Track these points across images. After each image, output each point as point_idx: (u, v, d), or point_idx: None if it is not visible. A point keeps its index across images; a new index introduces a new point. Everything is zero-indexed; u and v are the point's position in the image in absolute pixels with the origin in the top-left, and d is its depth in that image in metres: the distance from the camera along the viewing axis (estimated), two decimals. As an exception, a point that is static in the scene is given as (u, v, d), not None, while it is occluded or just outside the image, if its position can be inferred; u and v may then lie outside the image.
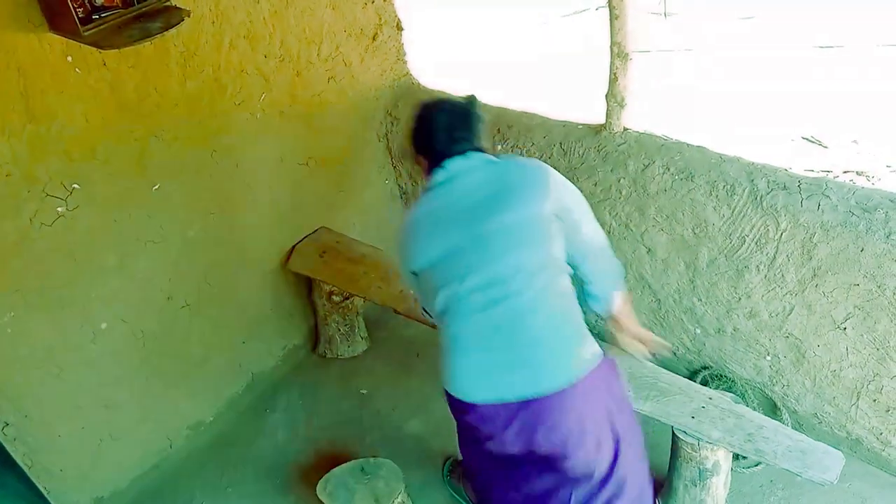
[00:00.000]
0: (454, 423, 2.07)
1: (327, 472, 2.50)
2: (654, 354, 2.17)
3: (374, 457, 2.49)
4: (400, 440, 2.86)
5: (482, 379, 1.84)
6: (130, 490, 2.77)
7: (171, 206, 2.60)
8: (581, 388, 1.79)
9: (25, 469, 2.45)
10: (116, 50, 2.17)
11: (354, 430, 2.96)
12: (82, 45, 2.10)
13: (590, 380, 1.80)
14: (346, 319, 3.19)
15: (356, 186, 3.33)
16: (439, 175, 1.97)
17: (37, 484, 2.50)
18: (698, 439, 2.20)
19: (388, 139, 3.35)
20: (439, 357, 1.96)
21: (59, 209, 2.29)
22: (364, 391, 3.12)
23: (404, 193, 3.49)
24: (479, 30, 7.55)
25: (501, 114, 3.00)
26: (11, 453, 2.41)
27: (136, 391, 2.70)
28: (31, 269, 2.28)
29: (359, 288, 2.89)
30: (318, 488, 2.39)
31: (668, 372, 2.38)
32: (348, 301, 3.12)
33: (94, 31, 2.04)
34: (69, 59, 2.21)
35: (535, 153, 2.84)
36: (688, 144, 2.61)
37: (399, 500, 2.34)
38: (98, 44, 2.05)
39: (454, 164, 1.95)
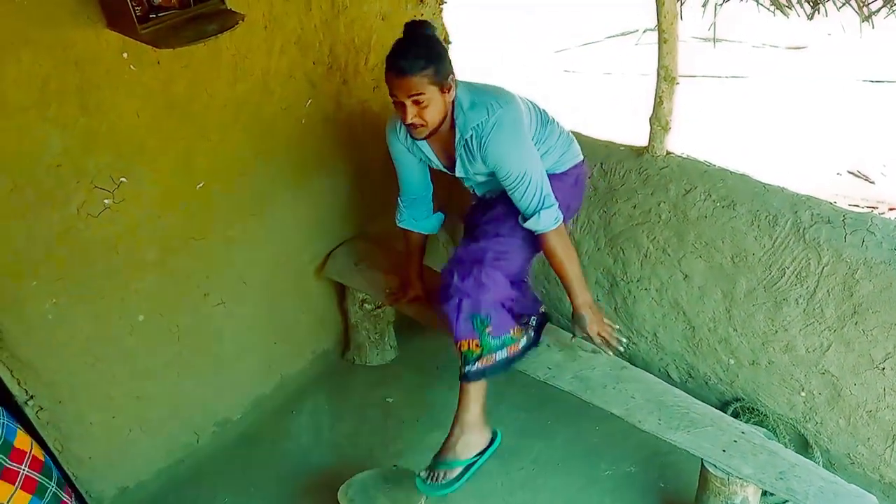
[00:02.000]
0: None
1: (349, 477, 2.51)
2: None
3: (395, 466, 2.49)
4: (422, 451, 2.83)
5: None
6: (155, 482, 2.80)
7: (214, 205, 2.65)
8: None
9: (56, 454, 2.50)
10: (171, 49, 2.22)
11: (378, 437, 2.96)
12: (138, 42, 2.15)
13: None
14: (376, 328, 3.20)
15: (394, 196, 3.34)
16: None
17: (66, 469, 2.55)
18: (728, 474, 2.15)
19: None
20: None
21: (105, 201, 2.34)
22: (390, 399, 3.13)
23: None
24: (525, 40, 7.57)
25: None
26: (44, 437, 2.46)
27: (168, 385, 2.74)
28: (75, 258, 2.33)
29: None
30: (339, 493, 2.40)
31: (700, 402, 2.34)
32: (380, 309, 3.14)
33: (150, 29, 2.09)
34: (125, 55, 2.26)
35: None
36: (731, 172, 2.58)
37: (420, 511, 2.34)
38: (154, 42, 2.10)
39: None
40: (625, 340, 2.41)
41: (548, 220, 2.27)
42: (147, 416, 2.69)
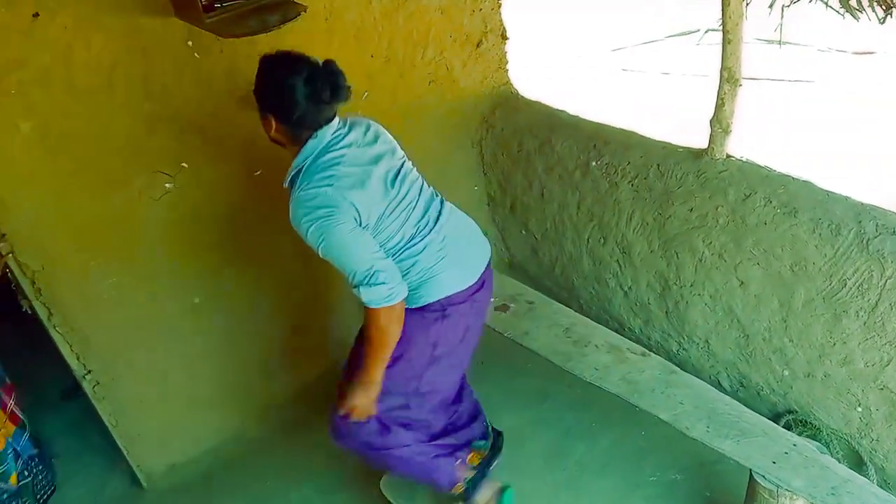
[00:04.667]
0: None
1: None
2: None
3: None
4: (464, 446, 2.86)
5: (460, 268, 2.12)
6: (204, 460, 2.87)
7: (269, 193, 2.68)
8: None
9: (110, 428, 2.59)
10: (234, 39, 2.27)
11: (420, 430, 2.97)
12: (203, 31, 2.20)
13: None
14: (422, 320, 3.21)
15: (445, 190, 3.32)
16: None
17: (119, 444, 2.63)
18: (778, 486, 2.09)
19: (481, 146, 3.36)
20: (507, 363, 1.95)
21: (167, 185, 2.41)
22: (433, 393, 3.14)
23: (492, 200, 3.49)
24: (583, 38, 7.48)
25: (599, 129, 2.97)
26: (99, 411, 2.55)
27: (220, 366, 2.80)
28: (135, 239, 2.41)
29: (439, 291, 2.90)
30: (381, 483, 2.43)
31: (752, 412, 2.29)
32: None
33: (216, 19, 2.13)
34: (189, 44, 2.32)
35: (630, 172, 2.79)
36: (793, 178, 2.50)
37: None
38: (219, 32, 2.15)
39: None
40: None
41: (371, 297, 1.91)
42: (199, 396, 2.76)
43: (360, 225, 1.92)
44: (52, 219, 2.25)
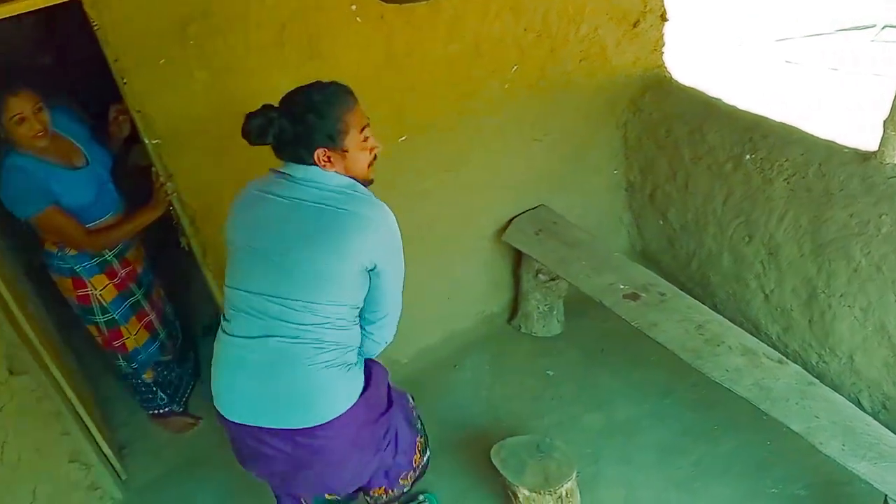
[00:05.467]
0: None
1: (500, 439, 2.56)
2: None
3: (549, 439, 2.50)
4: (576, 430, 2.84)
5: None
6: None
7: (413, 158, 2.76)
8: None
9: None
10: (396, 5, 2.33)
11: (534, 408, 2.98)
12: (368, -4, 2.27)
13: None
14: (547, 299, 3.21)
15: (584, 171, 3.31)
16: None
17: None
18: (915, 517, 1.95)
19: (626, 129, 3.28)
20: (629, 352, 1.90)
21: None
22: (551, 373, 3.13)
23: (630, 186, 3.40)
24: (746, 24, 7.06)
25: (757, 121, 2.81)
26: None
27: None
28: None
29: (568, 272, 2.88)
30: (492, 452, 2.45)
31: (894, 435, 2.13)
32: (554, 282, 3.13)
33: (381, -15, 2.20)
34: (353, 7, 2.40)
35: (787, 169, 2.63)
36: (975, 191, 2.27)
37: (569, 486, 2.34)
38: (383, -3, 2.22)
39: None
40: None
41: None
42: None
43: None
44: (213, 164, 2.42)
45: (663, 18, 3.13)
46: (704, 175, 2.95)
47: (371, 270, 1.83)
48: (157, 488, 2.89)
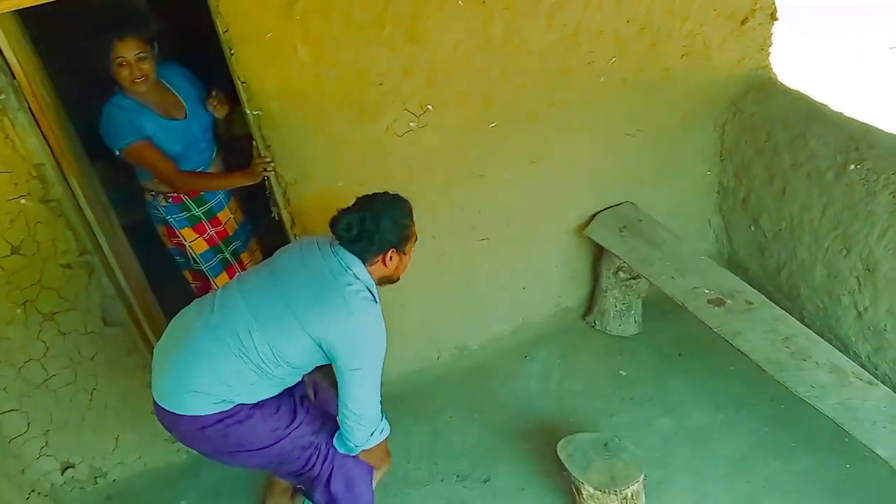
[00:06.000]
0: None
1: (566, 433, 2.54)
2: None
3: (619, 438, 2.47)
4: (647, 432, 2.79)
5: None
6: (394, 384, 3.04)
7: (500, 146, 2.76)
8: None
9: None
10: (499, -10, 2.32)
11: (603, 406, 2.95)
12: (470, -20, 2.27)
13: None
14: (625, 298, 3.16)
15: (675, 170, 3.23)
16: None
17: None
18: None
19: (724, 130, 3.18)
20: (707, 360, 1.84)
21: (411, 124, 2.55)
22: (623, 373, 3.09)
23: (723, 189, 3.30)
24: (860, 26, 6.68)
25: (865, 130, 2.67)
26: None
27: (425, 301, 2.96)
28: (376, 170, 2.59)
29: (650, 272, 2.83)
30: (558, 445, 2.44)
31: None
32: (634, 281, 3.08)
33: (487, -31, 2.19)
34: (457, -10, 2.41)
35: (894, 182, 2.49)
36: None
37: (635, 488, 2.31)
38: (487, -18, 2.21)
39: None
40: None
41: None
42: (404, 325, 2.94)
43: None
44: (310, 138, 2.48)
45: (773, 17, 3.01)
46: (803, 183, 2.83)
47: (327, 352, 1.99)
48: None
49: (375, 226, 1.98)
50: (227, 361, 1.97)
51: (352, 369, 1.99)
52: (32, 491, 2.56)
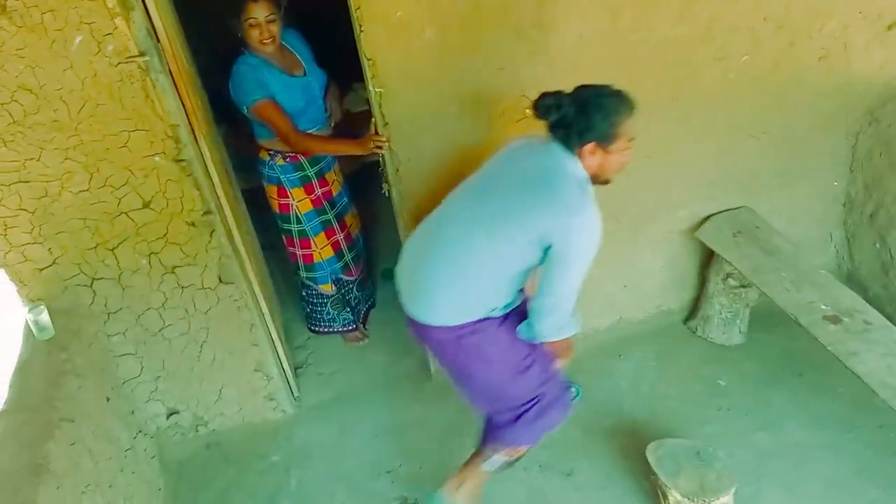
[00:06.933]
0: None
1: (655, 436, 2.50)
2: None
3: (712, 448, 2.40)
4: (740, 445, 2.69)
5: None
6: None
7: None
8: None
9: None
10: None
11: (696, 413, 2.87)
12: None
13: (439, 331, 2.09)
14: (732, 306, 3.05)
15: (799, 177, 3.07)
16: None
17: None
18: None
19: (856, 139, 3.00)
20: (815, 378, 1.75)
21: (526, 111, 2.51)
22: (722, 382, 2.99)
23: (850, 201, 3.12)
24: None
25: None
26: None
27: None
28: (486, 156, 2.58)
29: (763, 281, 2.71)
30: (648, 448, 2.40)
31: None
32: (744, 289, 2.96)
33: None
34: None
35: None
36: None
37: (725, 500, 2.24)
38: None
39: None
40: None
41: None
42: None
43: None
44: (425, 119, 2.51)
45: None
46: (942, 202, 2.64)
47: (546, 249, 1.95)
48: (323, 410, 3.14)
49: (574, 111, 1.92)
50: (462, 270, 2.02)
51: (560, 264, 1.97)
52: (139, 432, 2.73)
